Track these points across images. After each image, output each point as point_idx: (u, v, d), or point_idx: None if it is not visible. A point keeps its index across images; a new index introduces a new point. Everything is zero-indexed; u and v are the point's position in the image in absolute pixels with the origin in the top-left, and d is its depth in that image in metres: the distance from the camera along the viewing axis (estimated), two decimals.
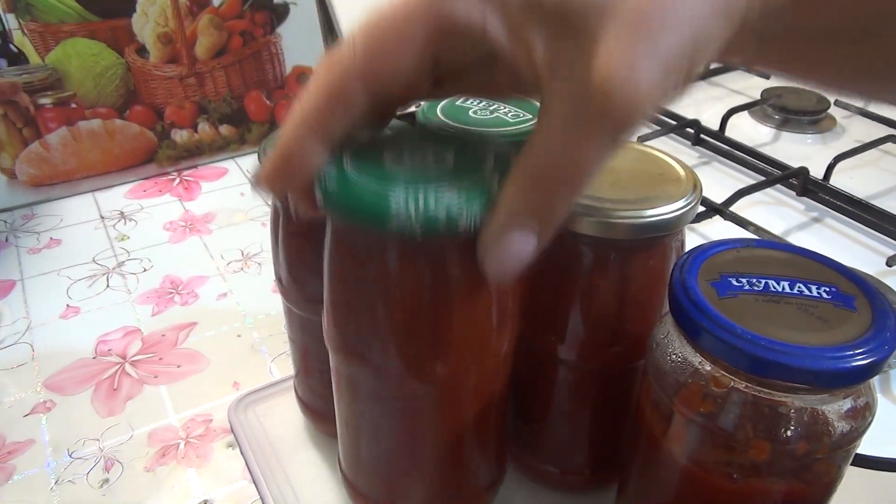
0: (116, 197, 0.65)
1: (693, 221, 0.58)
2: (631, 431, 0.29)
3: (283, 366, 0.46)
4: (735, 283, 0.23)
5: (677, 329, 0.24)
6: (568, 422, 0.34)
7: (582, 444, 0.35)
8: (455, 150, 0.26)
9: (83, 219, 0.62)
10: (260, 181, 0.24)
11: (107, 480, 0.39)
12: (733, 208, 0.58)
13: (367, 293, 0.26)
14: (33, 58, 0.61)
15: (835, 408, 0.22)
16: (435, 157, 0.25)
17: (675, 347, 0.25)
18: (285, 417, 0.42)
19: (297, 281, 0.35)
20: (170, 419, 0.42)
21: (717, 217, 0.58)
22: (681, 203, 0.27)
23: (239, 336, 0.49)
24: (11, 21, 0.60)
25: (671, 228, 0.27)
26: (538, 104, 0.38)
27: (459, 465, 0.31)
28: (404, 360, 0.27)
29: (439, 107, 0.37)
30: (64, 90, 0.63)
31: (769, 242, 0.26)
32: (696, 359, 0.24)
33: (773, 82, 0.83)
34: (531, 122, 0.35)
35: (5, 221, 0.62)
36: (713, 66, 0.24)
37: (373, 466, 0.32)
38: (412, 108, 0.36)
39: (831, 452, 0.23)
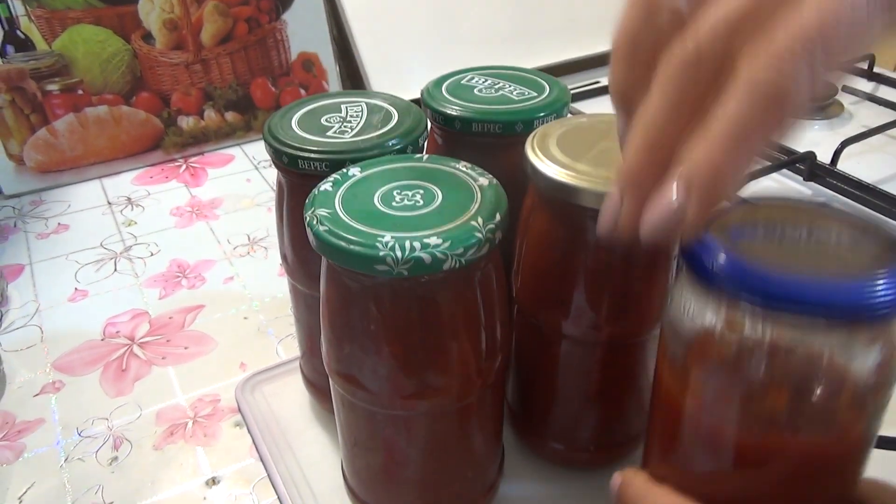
0: (123, 183, 0.66)
1: None
2: (652, 397, 0.29)
3: (290, 347, 0.46)
4: (749, 231, 0.22)
5: (690, 280, 0.23)
6: (573, 398, 0.34)
7: (587, 420, 0.35)
8: (446, 186, 0.27)
9: (91, 204, 0.62)
10: None
11: (116, 458, 0.39)
12: (740, 192, 0.58)
13: (358, 326, 0.27)
14: (40, 44, 0.61)
15: (856, 353, 0.21)
16: (424, 196, 0.27)
17: (689, 302, 0.24)
18: (292, 397, 0.42)
19: (301, 259, 0.35)
20: (178, 399, 0.43)
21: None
22: None
23: (246, 318, 0.49)
24: (18, 7, 0.60)
25: None
26: (544, 83, 0.38)
27: (454, 476, 0.32)
28: (395, 388, 0.28)
29: (444, 85, 0.37)
30: (71, 76, 0.63)
31: (786, 197, 0.25)
32: (709, 309, 0.23)
33: None
34: (535, 100, 0.35)
35: (14, 207, 0.62)
36: None
37: (371, 476, 0.33)
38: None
39: (855, 402, 0.22)
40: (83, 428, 0.41)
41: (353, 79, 0.78)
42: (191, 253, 0.56)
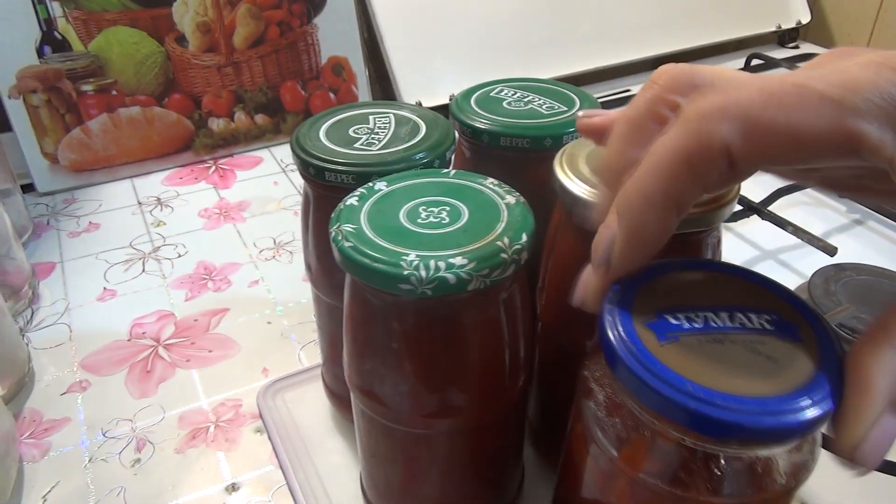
0: (154, 183, 0.67)
1: (730, 220, 0.56)
2: (564, 472, 0.28)
3: (312, 354, 0.46)
4: (673, 321, 0.21)
5: (615, 378, 0.22)
6: None
7: None
8: (472, 203, 0.27)
9: (122, 204, 0.63)
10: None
11: (138, 460, 0.39)
12: (772, 208, 0.56)
13: (381, 343, 0.27)
14: (76, 45, 0.62)
15: (784, 455, 0.21)
16: (450, 213, 0.26)
17: (615, 394, 0.23)
18: (313, 405, 0.42)
19: (325, 269, 0.35)
20: (200, 402, 0.43)
21: (755, 216, 0.56)
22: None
23: (269, 323, 0.49)
24: (56, 8, 0.61)
25: (707, 224, 0.27)
26: (574, 97, 0.37)
27: (473, 494, 0.31)
28: (416, 406, 0.27)
29: (473, 97, 0.37)
30: (105, 77, 0.64)
31: (702, 262, 0.25)
32: (638, 410, 0.22)
33: None
34: (564, 114, 0.34)
35: (47, 205, 0.63)
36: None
37: (389, 490, 0.32)
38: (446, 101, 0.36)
39: (779, 499, 0.22)
40: (107, 428, 0.41)
41: (382, 82, 0.78)
42: (217, 255, 0.56)
